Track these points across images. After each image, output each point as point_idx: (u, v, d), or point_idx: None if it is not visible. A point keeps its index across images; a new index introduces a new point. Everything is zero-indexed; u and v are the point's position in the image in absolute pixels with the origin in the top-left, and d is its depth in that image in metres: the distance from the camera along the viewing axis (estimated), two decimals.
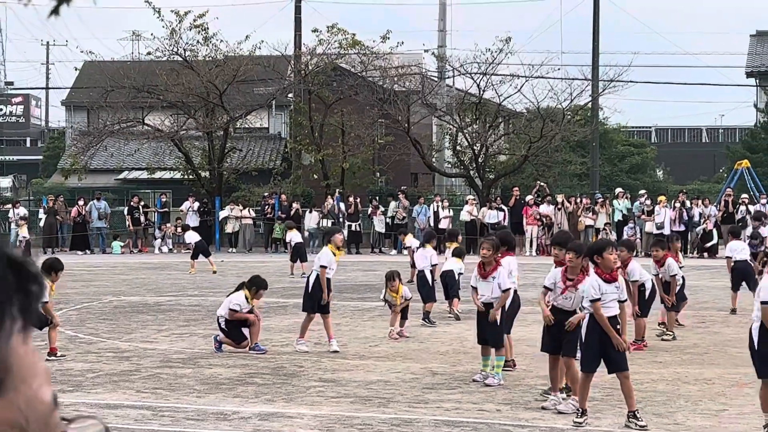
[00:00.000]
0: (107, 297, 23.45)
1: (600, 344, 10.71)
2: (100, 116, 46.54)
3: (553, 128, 43.70)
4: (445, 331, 18.05)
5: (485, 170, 45.30)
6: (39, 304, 1.05)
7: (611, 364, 10.69)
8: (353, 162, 44.48)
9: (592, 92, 46.33)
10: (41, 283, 1.06)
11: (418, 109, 45.93)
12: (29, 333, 1.04)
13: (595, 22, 48.09)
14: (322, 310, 15.62)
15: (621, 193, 40.78)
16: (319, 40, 45.09)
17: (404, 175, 48.41)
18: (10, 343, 1.01)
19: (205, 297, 23.51)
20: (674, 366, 14.52)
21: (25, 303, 1.03)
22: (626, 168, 59.60)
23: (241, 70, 43.29)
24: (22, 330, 1.03)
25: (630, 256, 16.12)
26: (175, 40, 43.96)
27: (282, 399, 12.06)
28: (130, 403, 11.82)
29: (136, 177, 49.97)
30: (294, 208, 39.89)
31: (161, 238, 41.01)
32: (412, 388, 12.76)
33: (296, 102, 47.15)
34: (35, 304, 1.04)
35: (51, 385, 1.07)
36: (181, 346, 16.30)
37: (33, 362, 1.04)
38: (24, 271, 1.04)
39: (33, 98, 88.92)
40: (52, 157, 63.83)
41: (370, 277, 28.09)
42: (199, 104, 44.43)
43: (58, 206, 41.02)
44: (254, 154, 49.89)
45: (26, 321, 1.04)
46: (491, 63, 44.14)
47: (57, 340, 15.01)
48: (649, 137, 77.88)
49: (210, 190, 43.98)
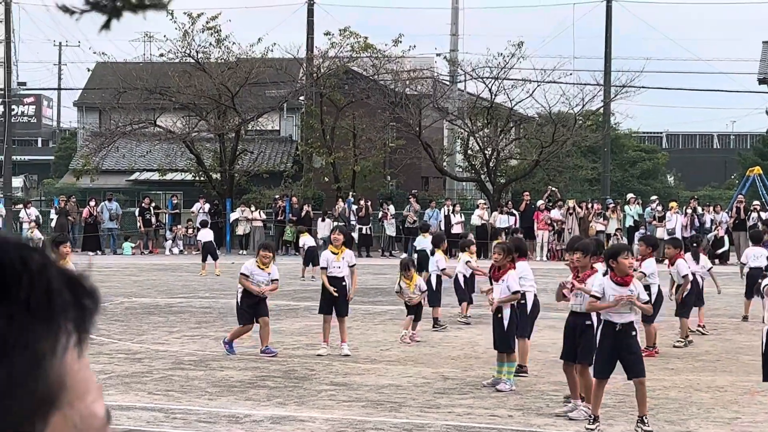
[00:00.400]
0: (118, 298, 23.47)
1: (613, 350, 10.69)
2: (112, 117, 46.66)
3: (564, 133, 43.67)
4: (457, 335, 18.03)
5: (496, 174, 45.28)
6: (94, 319, 1.06)
7: (629, 370, 10.68)
8: (364, 165, 44.50)
9: (603, 97, 46.29)
10: (96, 298, 1.07)
11: (430, 113, 45.94)
12: (84, 348, 1.05)
13: (607, 27, 48.06)
14: (338, 313, 15.60)
15: (632, 199, 40.71)
16: (332, 43, 45.17)
17: (415, 179, 48.41)
18: (65, 358, 1.02)
19: (216, 299, 23.52)
20: (686, 373, 14.48)
21: (80, 318, 1.04)
22: (637, 173, 59.53)
23: (253, 72, 43.35)
24: (77, 345, 1.03)
25: (650, 253, 15.96)
26: (187, 41, 44.05)
27: (294, 402, 12.07)
28: (143, 405, 11.83)
29: (147, 178, 50.06)
30: (305, 210, 39.91)
31: (172, 240, 41.08)
32: (424, 392, 12.75)
33: (308, 105, 47.19)
34: (90, 319, 1.05)
35: (103, 400, 1.07)
36: (192, 348, 16.31)
37: (87, 377, 1.04)
38: (79, 286, 1.05)
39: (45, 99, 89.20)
40: (64, 158, 63.98)
41: (381, 281, 28.08)
42: (211, 106, 44.49)
43: (70, 207, 41.10)
44: (265, 157, 49.94)
45: (81, 336, 1.04)
46: (503, 67, 44.16)
47: None
48: (660, 143, 77.83)
49: (221, 192, 44.04)
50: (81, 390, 1.02)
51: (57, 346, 1.01)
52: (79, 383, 1.02)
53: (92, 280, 1.07)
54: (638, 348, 10.91)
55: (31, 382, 0.98)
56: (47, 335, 1.00)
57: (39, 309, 1.00)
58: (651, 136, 78.31)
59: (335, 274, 15.68)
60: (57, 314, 1.01)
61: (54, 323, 1.00)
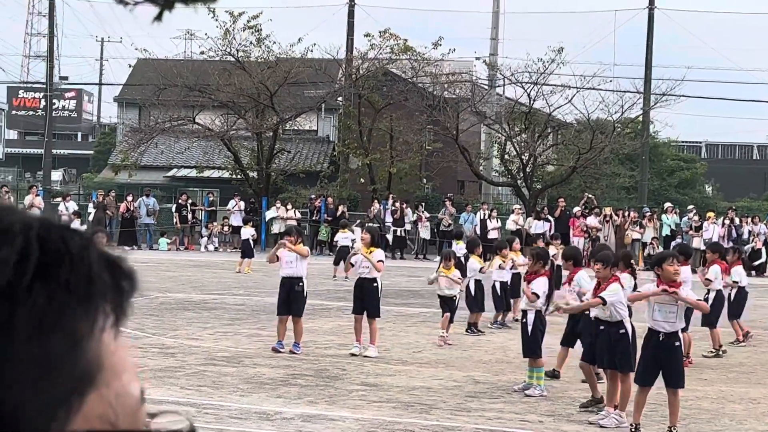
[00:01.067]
0: (153, 293, 23.62)
1: (655, 358, 10.65)
2: (152, 113, 46.93)
3: (602, 140, 43.47)
4: (489, 339, 18.01)
5: (533, 180, 45.14)
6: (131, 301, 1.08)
7: (668, 379, 10.64)
8: (400, 167, 44.52)
9: (643, 105, 46.04)
10: (134, 280, 1.09)
11: (468, 117, 45.88)
12: (121, 329, 1.07)
13: (649, 35, 47.81)
14: (369, 314, 15.60)
15: (669, 208, 40.47)
16: (371, 45, 45.22)
17: (451, 182, 48.37)
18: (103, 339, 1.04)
19: (250, 296, 23.64)
20: (719, 384, 14.39)
21: (118, 300, 1.06)
22: (675, 183, 59.12)
23: (292, 72, 43.47)
24: (114, 326, 1.06)
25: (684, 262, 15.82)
26: (228, 40, 44.25)
27: (324, 401, 12.10)
28: (174, 399, 11.91)
29: (185, 175, 50.33)
30: (340, 211, 39.98)
31: (208, 237, 41.29)
32: (455, 395, 12.75)
33: (346, 105, 47.27)
34: (127, 301, 1.07)
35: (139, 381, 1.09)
36: (225, 344, 16.39)
37: (123, 358, 1.06)
38: (118, 269, 1.07)
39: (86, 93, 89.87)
40: (103, 153, 64.45)
41: (414, 283, 28.08)
42: (249, 105, 44.66)
43: (108, 201, 41.39)
44: (302, 156, 50.08)
45: (118, 317, 1.06)
46: (542, 73, 44.02)
47: None
48: (699, 152, 77.25)
49: (257, 190, 44.21)
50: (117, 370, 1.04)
51: (95, 327, 1.02)
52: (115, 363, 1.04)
53: (130, 263, 1.09)
54: (680, 359, 10.86)
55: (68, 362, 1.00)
56: (86, 316, 1.02)
57: (79, 290, 1.01)
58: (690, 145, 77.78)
59: (365, 274, 15.67)
60: (96, 296, 1.03)
61: (93, 304, 1.02)
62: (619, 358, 11.28)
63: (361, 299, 15.61)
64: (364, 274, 15.68)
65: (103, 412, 1.02)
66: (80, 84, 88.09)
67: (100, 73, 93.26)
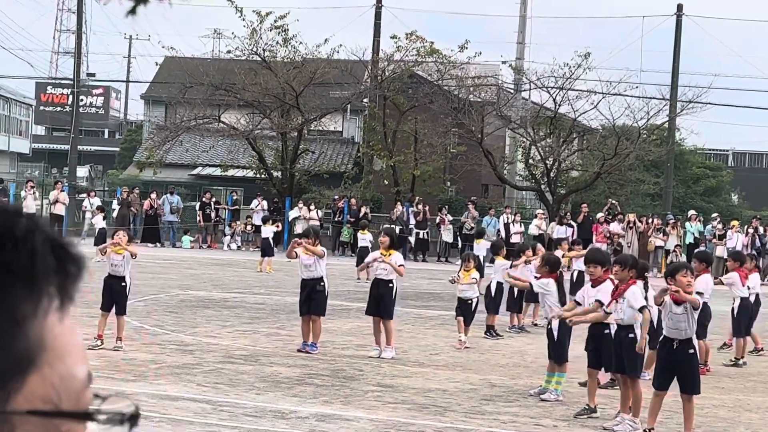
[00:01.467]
0: (174, 290, 23.73)
1: (669, 364, 10.64)
2: (178, 111, 47.11)
3: (627, 146, 43.32)
4: (507, 343, 17.99)
5: (556, 185, 45.04)
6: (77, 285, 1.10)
7: (682, 385, 10.63)
8: (424, 170, 44.52)
9: (669, 112, 45.86)
10: (81, 264, 1.11)
11: (492, 121, 45.82)
12: (66, 312, 1.09)
13: (676, 42, 47.61)
14: (381, 315, 15.60)
15: (694, 216, 40.28)
16: (397, 47, 45.25)
17: (475, 186, 48.32)
18: (46, 321, 1.06)
19: (271, 296, 23.70)
20: (737, 393, 14.33)
21: (64, 283, 1.08)
22: (700, 190, 58.81)
23: (318, 72, 43.54)
24: (59, 309, 1.08)
25: (704, 269, 15.71)
26: (255, 40, 44.37)
27: (340, 401, 12.13)
28: (191, 396, 11.97)
29: (209, 173, 50.50)
30: (363, 212, 40.00)
31: (230, 236, 41.42)
32: (470, 398, 12.75)
33: (371, 107, 47.31)
34: (73, 285, 1.10)
35: (86, 363, 1.11)
36: (243, 343, 16.45)
37: (69, 341, 1.08)
38: (64, 252, 1.09)
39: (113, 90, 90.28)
40: (129, 150, 64.73)
41: (435, 286, 28.08)
42: (275, 104, 44.78)
43: (132, 198, 41.58)
44: (326, 157, 50.16)
45: (64, 300, 1.08)
46: (569, 78, 43.92)
47: (124, 329, 15.23)
48: (726, 161, 76.82)
49: (281, 190, 44.31)
50: (61, 352, 1.06)
51: (38, 309, 1.05)
52: (59, 345, 1.06)
53: (78, 247, 1.12)
54: (695, 366, 10.83)
55: (8, 341, 1.03)
56: (29, 298, 1.04)
57: (21, 272, 1.04)
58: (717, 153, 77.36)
59: (382, 276, 15.67)
60: (39, 278, 1.05)
61: (36, 286, 1.05)
62: (627, 362, 11.29)
63: (376, 301, 15.63)
64: (381, 276, 15.69)
65: (45, 393, 1.04)
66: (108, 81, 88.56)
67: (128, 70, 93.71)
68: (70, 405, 1.05)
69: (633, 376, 11.30)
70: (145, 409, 11.09)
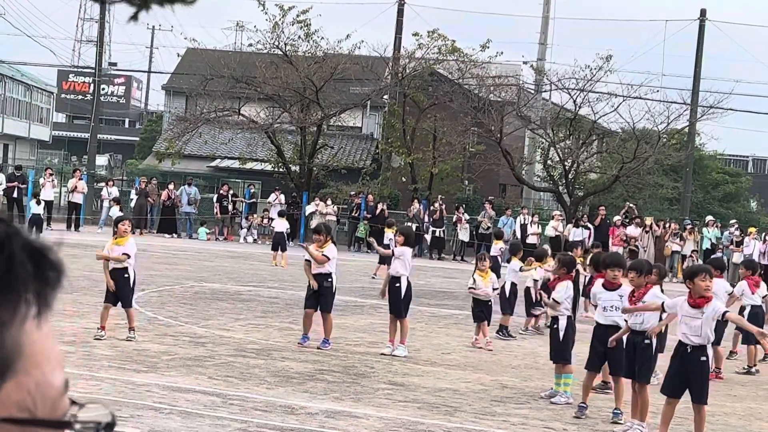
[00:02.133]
0: (189, 282, 23.78)
1: (682, 370, 10.60)
2: (198, 103, 47.21)
3: (647, 150, 43.20)
4: (520, 345, 17.97)
5: (574, 187, 44.94)
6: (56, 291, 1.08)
7: (693, 394, 10.59)
8: (442, 168, 44.49)
9: (690, 117, 45.68)
10: (59, 270, 1.09)
11: (512, 121, 45.75)
12: (45, 319, 1.07)
13: (698, 47, 47.40)
14: (392, 312, 15.60)
15: (711, 222, 40.12)
16: (419, 44, 45.21)
17: (492, 185, 48.26)
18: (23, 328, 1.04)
19: (284, 290, 23.73)
20: (748, 401, 14.27)
21: (42, 289, 1.06)
22: (719, 196, 58.58)
23: (339, 68, 43.56)
24: (36, 316, 1.06)
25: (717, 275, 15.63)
26: (277, 33, 44.41)
27: (350, 398, 12.14)
28: (202, 388, 12.00)
29: (227, 166, 50.59)
30: (380, 209, 40.00)
31: (247, 228, 41.49)
32: (481, 399, 12.74)
33: (391, 104, 47.30)
34: (52, 291, 1.08)
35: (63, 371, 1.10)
36: (256, 336, 16.48)
37: (46, 347, 1.07)
38: (43, 259, 1.07)
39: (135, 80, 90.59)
40: (148, 140, 64.92)
41: (450, 284, 28.06)
42: (294, 99, 44.82)
43: (150, 188, 41.69)
44: (345, 153, 50.18)
45: (42, 307, 1.07)
46: (590, 80, 43.80)
47: (134, 320, 15.22)
48: (745, 167, 76.48)
49: (299, 184, 44.36)
50: (39, 359, 1.05)
51: (16, 316, 1.03)
52: (36, 353, 1.05)
53: (58, 253, 1.10)
54: (706, 374, 10.78)
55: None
56: (6, 304, 1.03)
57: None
58: (737, 159, 77.06)
59: (395, 273, 15.70)
60: (18, 285, 1.04)
61: (13, 293, 1.03)
62: (640, 367, 11.27)
63: (388, 299, 15.69)
64: (394, 272, 15.73)
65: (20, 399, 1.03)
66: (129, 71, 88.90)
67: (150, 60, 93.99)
68: (46, 413, 1.04)
69: (643, 383, 11.28)
70: (156, 400, 11.13)
